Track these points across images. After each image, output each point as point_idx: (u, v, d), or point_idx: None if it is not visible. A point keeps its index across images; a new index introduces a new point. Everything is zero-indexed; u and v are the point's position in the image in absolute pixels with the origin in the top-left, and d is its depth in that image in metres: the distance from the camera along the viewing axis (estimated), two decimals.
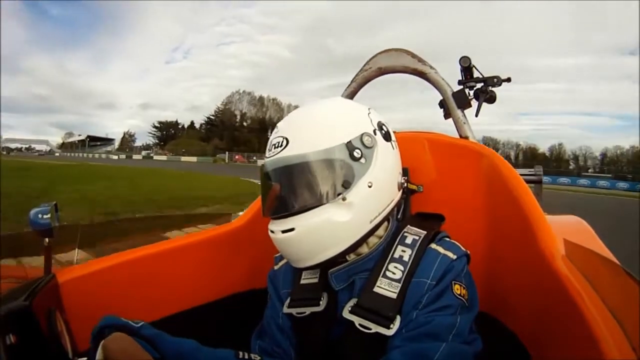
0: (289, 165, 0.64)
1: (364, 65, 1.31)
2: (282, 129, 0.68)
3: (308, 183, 0.64)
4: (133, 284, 0.81)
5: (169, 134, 73.90)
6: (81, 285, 0.73)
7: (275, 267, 0.80)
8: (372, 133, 0.67)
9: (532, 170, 1.40)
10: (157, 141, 73.90)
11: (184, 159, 52.79)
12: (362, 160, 0.65)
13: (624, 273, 0.53)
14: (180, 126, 76.02)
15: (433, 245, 0.68)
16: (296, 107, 0.84)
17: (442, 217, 0.78)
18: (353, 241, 0.66)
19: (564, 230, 0.77)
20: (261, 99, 75.66)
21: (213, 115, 73.61)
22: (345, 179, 0.64)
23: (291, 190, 0.65)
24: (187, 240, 0.92)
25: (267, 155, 0.68)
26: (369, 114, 0.70)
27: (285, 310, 0.72)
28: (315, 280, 0.72)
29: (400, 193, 0.72)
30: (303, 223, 0.63)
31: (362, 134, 0.66)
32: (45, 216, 0.71)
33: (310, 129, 0.66)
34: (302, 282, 0.73)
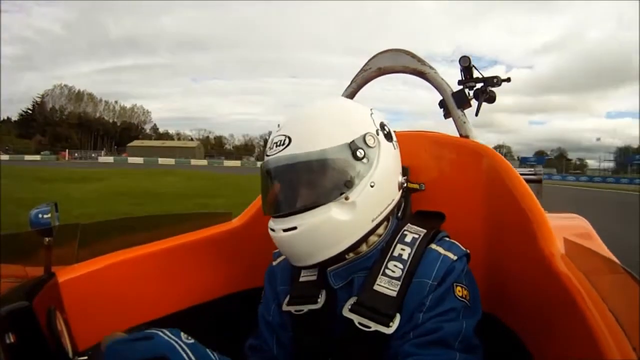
0: (292, 164, 0.64)
1: (364, 66, 1.31)
2: (284, 127, 0.67)
3: (311, 182, 0.64)
4: (133, 282, 0.81)
5: None
6: (81, 284, 0.73)
7: (274, 263, 0.80)
8: (375, 133, 0.68)
9: (532, 169, 1.40)
10: None
11: (27, 157, 44.23)
12: (365, 160, 0.65)
13: (624, 272, 0.53)
14: None
15: (433, 246, 0.68)
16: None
17: (442, 216, 0.78)
18: (354, 240, 0.66)
19: (564, 229, 0.77)
20: (79, 93, 72.63)
21: (31, 110, 67.83)
22: (348, 179, 0.64)
23: (294, 188, 0.66)
24: (187, 239, 0.92)
25: (268, 153, 0.68)
26: (371, 114, 0.70)
27: (285, 307, 0.71)
28: (314, 278, 0.72)
29: (400, 192, 0.73)
30: (305, 222, 0.63)
31: (365, 134, 0.66)
32: (45, 216, 0.71)
33: (313, 128, 0.66)
34: (301, 279, 0.73)
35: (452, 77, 1.27)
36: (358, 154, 0.65)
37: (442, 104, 1.31)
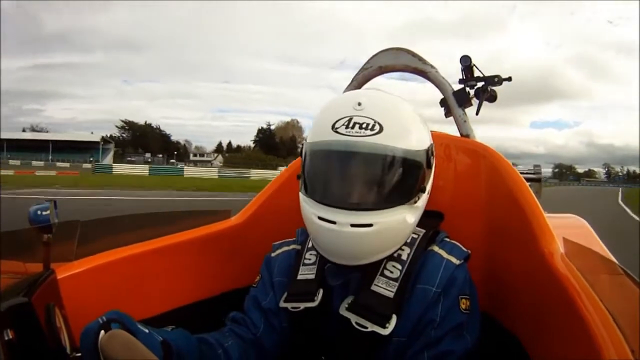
0: (386, 156, 0.60)
1: (365, 64, 1.31)
2: (367, 109, 0.60)
3: (401, 180, 0.62)
4: (132, 280, 0.81)
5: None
6: (80, 281, 0.73)
7: (272, 255, 0.79)
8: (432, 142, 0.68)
9: (532, 168, 1.40)
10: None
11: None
12: (432, 168, 0.67)
13: (623, 273, 0.53)
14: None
15: (435, 248, 0.68)
16: None
17: (441, 215, 0.78)
18: (403, 242, 0.67)
19: (564, 229, 0.77)
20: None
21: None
22: (423, 184, 0.65)
23: (383, 183, 0.61)
24: (186, 237, 0.92)
25: (342, 131, 0.60)
26: None
27: (282, 304, 0.71)
28: (312, 276, 0.71)
29: None
30: (383, 220, 0.60)
31: (431, 143, 0.67)
32: (44, 212, 0.71)
33: (404, 124, 0.63)
34: (299, 277, 0.72)
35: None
36: (432, 161, 0.66)
37: (443, 103, 1.30)
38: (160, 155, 60.43)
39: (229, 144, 76.99)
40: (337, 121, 0.61)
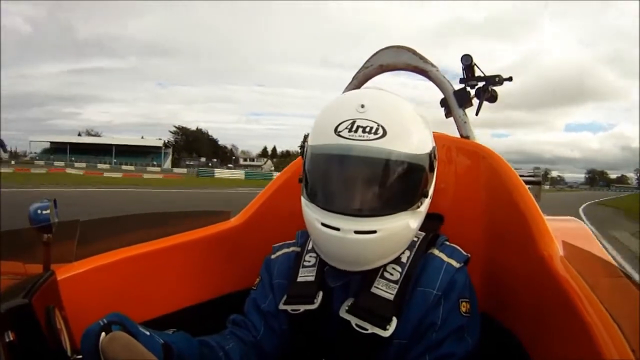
0: (390, 161, 0.59)
1: (365, 63, 1.30)
2: (370, 111, 0.59)
3: (405, 185, 0.61)
4: (132, 281, 0.81)
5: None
6: (80, 282, 0.73)
7: (272, 257, 0.79)
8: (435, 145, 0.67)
9: (532, 171, 1.40)
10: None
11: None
12: (434, 172, 0.66)
13: (622, 275, 0.53)
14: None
15: (435, 252, 0.68)
16: None
17: (441, 218, 0.78)
18: (405, 247, 0.66)
19: (563, 232, 0.77)
20: None
21: None
22: (425, 188, 0.64)
23: (387, 188, 0.60)
24: (186, 238, 0.92)
25: (345, 134, 0.58)
26: None
27: (281, 306, 0.71)
28: (312, 278, 0.71)
29: None
30: (386, 227, 0.60)
31: (434, 146, 0.66)
32: (44, 212, 0.71)
33: (407, 127, 0.62)
34: (299, 279, 0.72)
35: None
36: (434, 165, 0.65)
37: (443, 103, 1.30)
38: (215, 160, 65.00)
39: (274, 148, 79.98)
40: (339, 124, 0.60)
